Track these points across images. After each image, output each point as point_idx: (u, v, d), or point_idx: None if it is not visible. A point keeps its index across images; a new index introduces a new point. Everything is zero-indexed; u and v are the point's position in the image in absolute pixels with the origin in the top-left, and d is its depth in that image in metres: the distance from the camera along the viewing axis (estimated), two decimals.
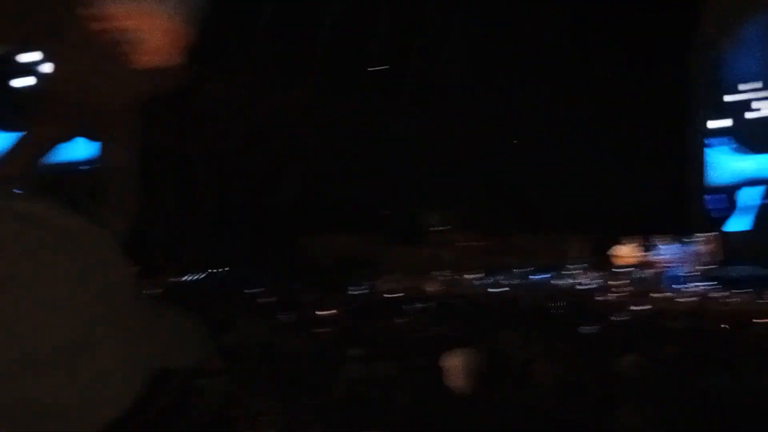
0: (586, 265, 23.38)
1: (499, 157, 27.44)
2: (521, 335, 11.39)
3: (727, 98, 27.69)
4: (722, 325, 12.67)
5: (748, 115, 27.59)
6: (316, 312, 14.51)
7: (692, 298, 18.10)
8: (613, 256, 23.30)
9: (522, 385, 9.89)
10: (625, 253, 23.01)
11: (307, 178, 25.55)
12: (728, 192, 27.90)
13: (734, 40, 26.63)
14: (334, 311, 14.26)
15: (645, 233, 23.44)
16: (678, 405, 9.45)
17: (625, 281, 21.43)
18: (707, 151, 27.56)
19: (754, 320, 13.73)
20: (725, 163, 27.69)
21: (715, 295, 19.29)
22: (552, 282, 20.61)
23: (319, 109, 25.97)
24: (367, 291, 17.90)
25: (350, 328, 12.57)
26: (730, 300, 17.85)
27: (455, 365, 10.53)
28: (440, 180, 26.65)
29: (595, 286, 20.12)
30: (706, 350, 11.01)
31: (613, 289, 19.40)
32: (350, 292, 17.55)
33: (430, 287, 18.49)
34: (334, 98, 26.32)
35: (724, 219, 27.59)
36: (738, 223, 27.91)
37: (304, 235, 24.20)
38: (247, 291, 17.06)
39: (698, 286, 21.15)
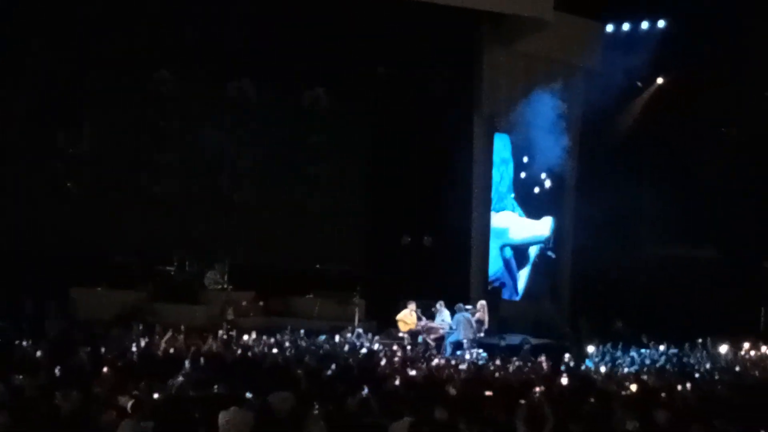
0: (366, 327, 23.41)
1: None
2: (294, 396, 11.21)
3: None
4: (487, 393, 12.89)
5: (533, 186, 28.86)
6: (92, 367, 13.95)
7: (466, 366, 18.34)
8: (393, 320, 23.46)
9: None
10: (406, 317, 23.19)
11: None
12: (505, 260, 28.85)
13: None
14: (109, 367, 13.73)
15: (426, 299, 23.73)
16: None
17: (403, 345, 21.57)
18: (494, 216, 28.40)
19: (522, 389, 14.05)
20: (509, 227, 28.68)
21: (488, 363, 19.69)
22: (329, 344, 20.47)
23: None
24: (144, 347, 17.31)
25: (125, 384, 12.09)
26: (501, 368, 18.23)
27: (230, 423, 10.23)
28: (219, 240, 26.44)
29: (373, 349, 20.12)
30: (478, 416, 11.15)
31: (390, 353, 19.43)
32: (127, 348, 16.90)
33: (207, 345, 18.05)
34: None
35: (500, 288, 28.41)
36: (511, 292, 28.85)
37: (79, 289, 23.45)
38: (20, 344, 16.20)
39: (473, 353, 21.54)
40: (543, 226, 29.35)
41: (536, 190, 28.90)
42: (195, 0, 24.58)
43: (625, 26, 28.91)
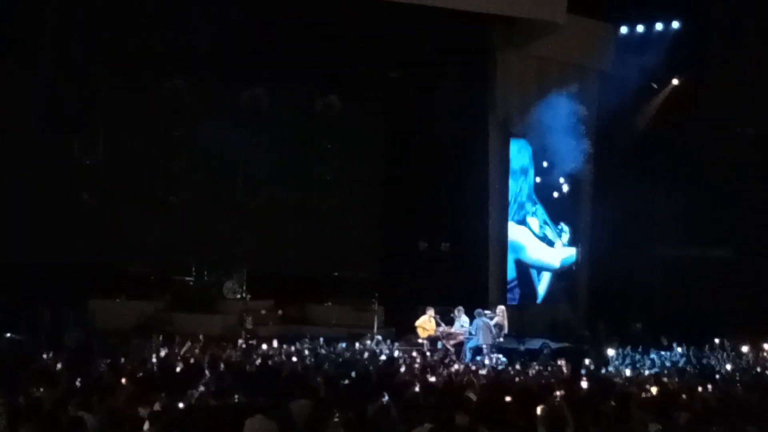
0: (384, 334, 23.37)
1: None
2: (314, 403, 11.21)
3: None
4: (507, 398, 12.87)
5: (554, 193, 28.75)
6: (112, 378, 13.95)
7: (486, 371, 18.29)
8: (412, 326, 23.42)
9: None
10: (425, 323, 23.16)
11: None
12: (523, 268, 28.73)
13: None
14: (128, 378, 13.73)
15: (445, 305, 23.67)
16: None
17: (423, 351, 21.52)
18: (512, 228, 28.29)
19: (542, 393, 13.99)
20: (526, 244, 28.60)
21: (508, 367, 19.63)
22: (349, 351, 20.43)
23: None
24: (163, 358, 17.31)
25: (146, 396, 12.07)
26: (521, 372, 18.18)
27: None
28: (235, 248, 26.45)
29: (393, 355, 20.07)
30: (499, 421, 11.12)
31: (410, 360, 19.39)
32: (146, 359, 16.90)
33: (226, 354, 18.04)
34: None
35: (519, 293, 28.31)
36: (529, 297, 28.72)
37: (98, 300, 23.50)
38: (39, 356, 16.26)
39: (492, 357, 21.48)
40: (556, 256, 29.25)
41: (555, 194, 28.79)
42: (207, 7, 24.61)
43: (639, 28, 28.78)
